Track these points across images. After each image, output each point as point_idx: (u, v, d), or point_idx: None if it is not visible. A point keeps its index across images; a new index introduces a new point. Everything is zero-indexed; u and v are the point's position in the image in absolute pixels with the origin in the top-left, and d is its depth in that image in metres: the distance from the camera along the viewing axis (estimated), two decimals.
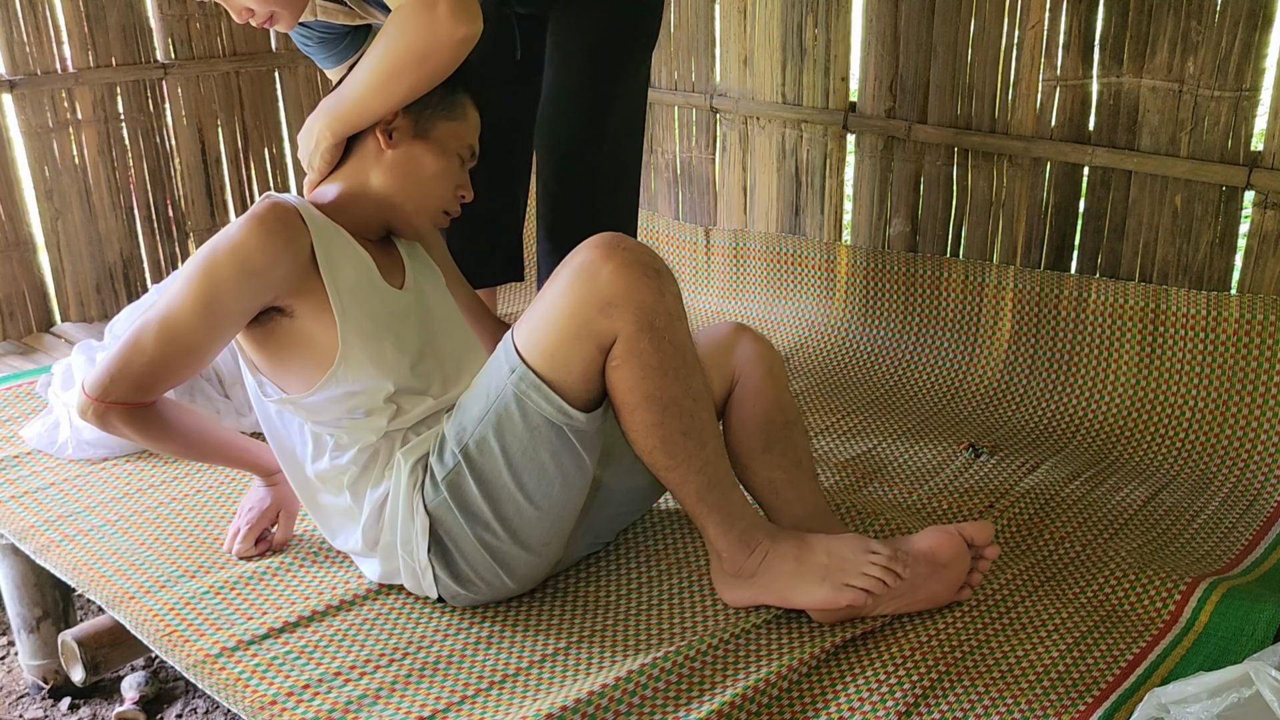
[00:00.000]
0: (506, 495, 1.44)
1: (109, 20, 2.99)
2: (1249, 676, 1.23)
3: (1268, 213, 2.06)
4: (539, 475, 1.42)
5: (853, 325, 2.59)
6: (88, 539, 1.77)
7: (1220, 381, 2.10)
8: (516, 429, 1.39)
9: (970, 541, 1.53)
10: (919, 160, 2.49)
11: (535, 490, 1.44)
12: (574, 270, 1.35)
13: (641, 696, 1.35)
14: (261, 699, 1.38)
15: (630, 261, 1.33)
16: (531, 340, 1.37)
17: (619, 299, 1.32)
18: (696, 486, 1.44)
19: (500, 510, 1.45)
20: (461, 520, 1.46)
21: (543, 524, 1.47)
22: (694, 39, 2.80)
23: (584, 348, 1.34)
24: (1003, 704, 1.35)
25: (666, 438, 1.39)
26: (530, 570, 1.54)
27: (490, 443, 1.41)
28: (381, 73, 1.55)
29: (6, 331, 2.95)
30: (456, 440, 1.45)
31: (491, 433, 1.41)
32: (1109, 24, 2.15)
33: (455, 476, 1.45)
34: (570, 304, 1.34)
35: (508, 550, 1.48)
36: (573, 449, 1.42)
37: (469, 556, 1.49)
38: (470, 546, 1.48)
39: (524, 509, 1.45)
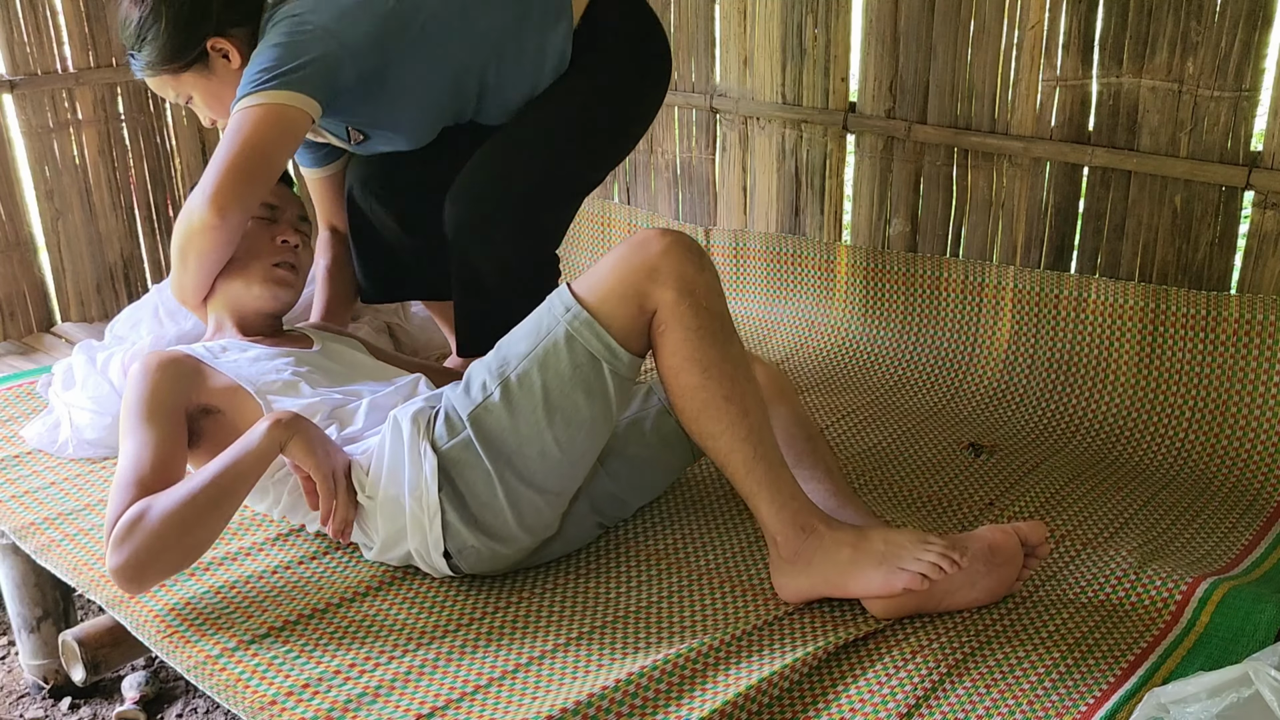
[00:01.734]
0: (536, 432, 1.50)
1: (109, 20, 3.00)
2: (1248, 676, 1.23)
3: (1267, 213, 2.06)
4: (570, 416, 1.50)
5: (852, 325, 2.59)
6: (88, 538, 1.77)
7: (1220, 381, 2.10)
8: (562, 364, 1.48)
9: (1024, 541, 1.55)
10: (919, 160, 2.49)
11: (563, 432, 1.51)
12: (630, 243, 1.50)
13: (644, 697, 1.35)
14: (261, 699, 1.38)
15: (678, 241, 1.49)
16: (584, 292, 1.50)
17: (664, 268, 1.46)
18: (743, 457, 1.50)
19: (525, 448, 1.51)
20: (483, 455, 1.51)
21: (561, 469, 1.54)
22: (694, 39, 2.80)
23: (628, 306, 1.48)
24: (1004, 705, 1.35)
25: (709, 401, 1.48)
26: (536, 519, 1.57)
27: (533, 376, 1.49)
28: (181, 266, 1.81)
29: (7, 331, 2.95)
30: (497, 374, 1.52)
31: (536, 367, 1.49)
32: (1109, 24, 2.15)
33: (483, 412, 1.51)
34: (622, 269, 1.48)
35: (523, 492, 1.53)
36: (606, 393, 1.51)
37: (481, 495, 1.53)
38: (484, 484, 1.52)
39: (549, 449, 1.51)
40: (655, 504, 1.87)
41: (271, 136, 1.75)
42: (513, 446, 1.51)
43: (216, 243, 1.76)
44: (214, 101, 1.93)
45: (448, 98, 1.99)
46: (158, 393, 1.60)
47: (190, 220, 1.74)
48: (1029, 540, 1.55)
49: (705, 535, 1.78)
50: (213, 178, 1.73)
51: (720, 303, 1.51)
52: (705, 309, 1.47)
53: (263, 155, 1.75)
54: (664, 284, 1.46)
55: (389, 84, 1.91)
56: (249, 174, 1.74)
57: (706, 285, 1.49)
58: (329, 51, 1.79)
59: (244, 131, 1.73)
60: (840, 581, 1.50)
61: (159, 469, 1.53)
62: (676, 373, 1.49)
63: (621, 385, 1.52)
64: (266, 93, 1.74)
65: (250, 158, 1.74)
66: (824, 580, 1.51)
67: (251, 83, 1.75)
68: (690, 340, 1.47)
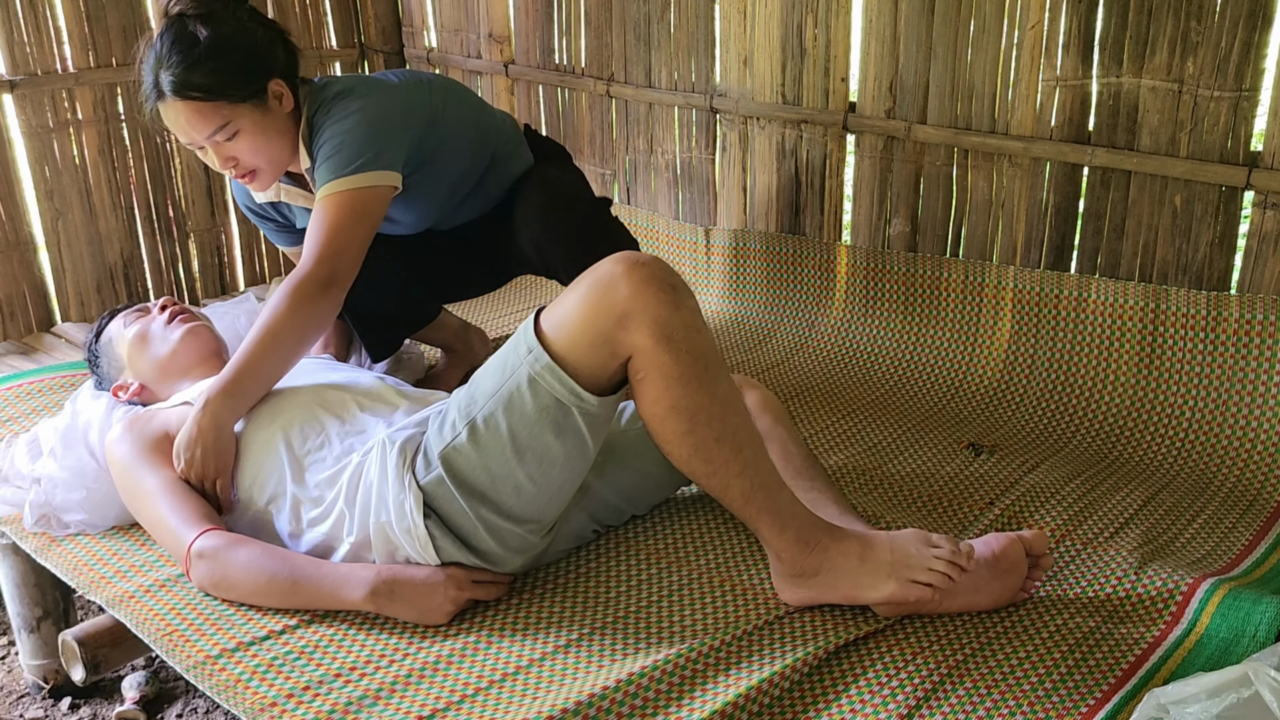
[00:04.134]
0: (507, 472, 1.47)
1: (109, 20, 3.00)
2: (1248, 677, 1.23)
3: (1267, 213, 2.06)
4: (541, 455, 1.46)
5: (852, 325, 2.59)
6: (89, 538, 1.77)
7: (1220, 381, 2.10)
8: (526, 407, 1.43)
9: (1029, 549, 1.55)
10: (919, 160, 2.49)
11: (536, 470, 1.47)
12: (593, 282, 1.39)
13: (644, 698, 1.35)
14: (261, 700, 1.38)
15: (647, 278, 1.37)
16: (551, 331, 1.42)
17: (635, 313, 1.36)
18: (740, 490, 1.46)
19: (498, 486, 1.49)
20: (456, 494, 1.50)
21: (539, 502, 1.52)
22: (694, 39, 2.80)
23: (598, 353, 1.39)
24: (1005, 705, 1.35)
25: (700, 445, 1.43)
26: (521, 543, 1.56)
27: (498, 418, 1.45)
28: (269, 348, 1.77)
29: (7, 331, 2.95)
30: (465, 414, 1.49)
31: (501, 409, 1.45)
32: (1109, 24, 2.15)
33: (454, 451, 1.49)
34: (588, 313, 1.38)
35: (501, 525, 1.52)
36: (578, 432, 1.46)
37: (463, 527, 1.52)
38: (463, 518, 1.51)
39: (523, 487, 1.48)
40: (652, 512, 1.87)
41: (378, 216, 1.92)
42: (485, 484, 1.49)
43: (329, 314, 1.85)
44: (259, 139, 1.91)
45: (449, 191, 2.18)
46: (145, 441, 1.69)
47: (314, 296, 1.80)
48: (1033, 549, 1.55)
49: (705, 535, 1.77)
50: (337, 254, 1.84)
51: (702, 341, 1.40)
52: (686, 353, 1.38)
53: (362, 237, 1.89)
54: (637, 331, 1.36)
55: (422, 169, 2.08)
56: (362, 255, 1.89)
57: (684, 325, 1.38)
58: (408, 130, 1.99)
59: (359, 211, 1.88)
60: (850, 592, 1.50)
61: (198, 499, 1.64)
62: (662, 420, 1.42)
63: (594, 422, 1.46)
64: (371, 174, 1.89)
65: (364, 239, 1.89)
66: (831, 590, 1.51)
67: (355, 164, 1.88)
68: (673, 389, 1.39)
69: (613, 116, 3.06)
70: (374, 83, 2.03)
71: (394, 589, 1.51)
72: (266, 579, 1.54)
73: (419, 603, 1.51)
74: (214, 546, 1.56)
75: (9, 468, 1.91)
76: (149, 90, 1.86)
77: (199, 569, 1.56)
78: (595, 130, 3.11)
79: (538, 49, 3.15)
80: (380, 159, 1.90)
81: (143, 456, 1.68)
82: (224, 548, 1.56)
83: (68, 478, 1.79)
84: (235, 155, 1.91)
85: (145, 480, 1.65)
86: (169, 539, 1.61)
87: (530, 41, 3.16)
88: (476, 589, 1.55)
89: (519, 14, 3.17)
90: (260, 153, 1.92)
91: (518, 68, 3.21)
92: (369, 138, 1.90)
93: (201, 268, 3.33)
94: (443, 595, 1.51)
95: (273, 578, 1.54)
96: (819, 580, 1.50)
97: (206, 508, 1.64)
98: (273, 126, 1.92)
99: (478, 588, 1.55)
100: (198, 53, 1.82)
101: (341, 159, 1.88)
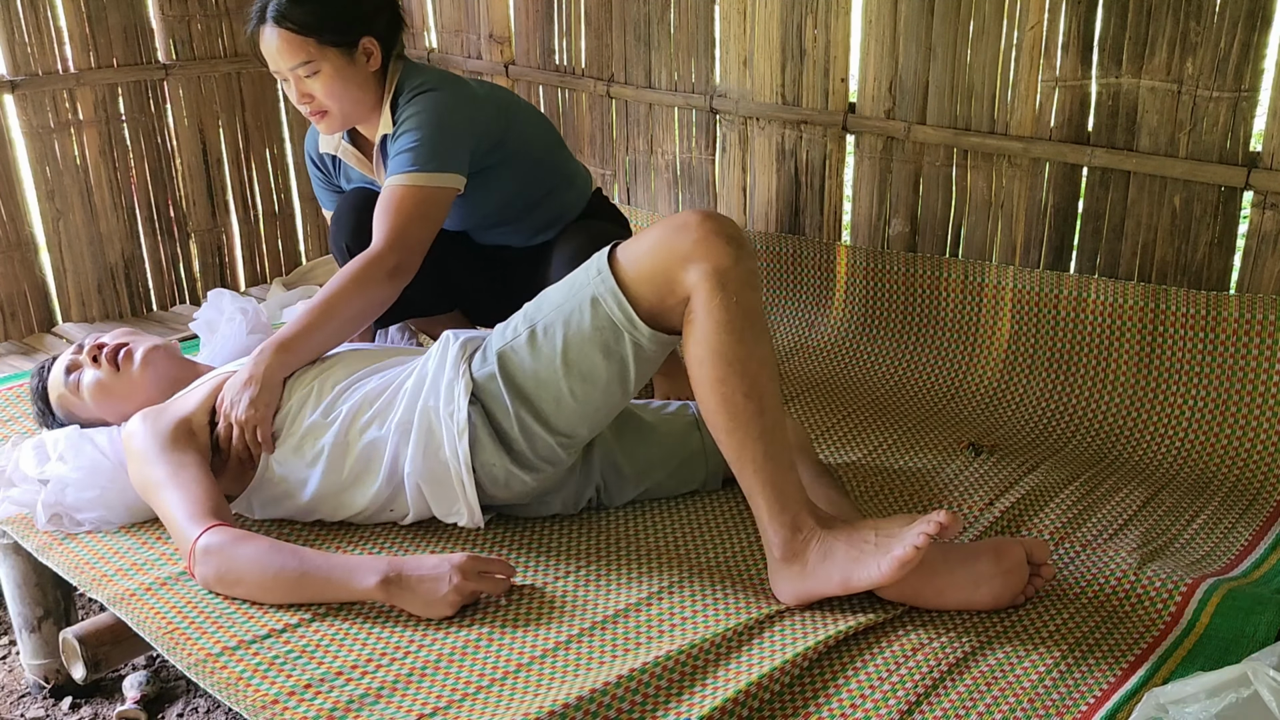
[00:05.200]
0: (553, 380, 1.61)
1: (110, 21, 3.00)
2: (1247, 676, 1.23)
3: (1266, 213, 2.06)
4: (586, 373, 1.59)
5: (852, 325, 2.59)
6: (90, 536, 1.77)
7: (1220, 381, 2.11)
8: (584, 324, 1.57)
9: (1030, 555, 1.56)
10: (918, 161, 2.49)
11: (578, 385, 1.60)
12: (666, 224, 1.54)
13: (644, 694, 1.36)
14: (263, 698, 1.38)
15: (716, 229, 1.50)
16: (623, 260, 1.56)
17: (698, 257, 1.48)
18: (753, 455, 1.52)
19: (542, 391, 1.62)
20: (504, 391, 1.64)
21: (574, 417, 1.64)
22: (694, 39, 2.80)
23: (658, 288, 1.52)
24: (1004, 703, 1.36)
25: (728, 396, 1.51)
26: (549, 453, 1.67)
27: (556, 330, 1.60)
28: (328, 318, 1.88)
29: (8, 331, 2.96)
30: (528, 321, 1.64)
31: (560, 321, 1.59)
32: (1108, 25, 2.16)
33: (510, 351, 1.64)
34: (656, 250, 1.52)
35: (536, 429, 1.64)
36: (624, 360, 1.58)
37: (501, 425, 1.65)
38: (504, 416, 1.65)
39: (564, 398, 1.61)
40: (652, 507, 1.88)
41: (433, 217, 2.01)
42: (531, 388, 1.62)
43: (386, 300, 1.95)
44: (336, 84, 2.02)
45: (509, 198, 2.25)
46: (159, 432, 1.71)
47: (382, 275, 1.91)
48: (1034, 556, 1.56)
49: (705, 534, 1.78)
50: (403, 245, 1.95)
51: (754, 296, 1.51)
52: (736, 303, 1.48)
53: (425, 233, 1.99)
54: (697, 273, 1.48)
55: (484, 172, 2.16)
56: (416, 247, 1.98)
57: (741, 277, 1.49)
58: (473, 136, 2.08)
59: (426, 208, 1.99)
60: (841, 579, 1.50)
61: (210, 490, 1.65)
62: (700, 363, 1.52)
63: (642, 355, 1.58)
64: (442, 174, 2.00)
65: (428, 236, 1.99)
66: (825, 579, 1.51)
67: (430, 162, 1.99)
68: (718, 334, 1.49)
69: (613, 117, 3.06)
70: (460, 86, 2.13)
71: (402, 578, 1.53)
72: (274, 572, 1.54)
73: (424, 593, 1.52)
74: (219, 543, 1.56)
75: (13, 470, 1.91)
76: (256, 11, 1.99)
77: (203, 566, 1.57)
78: (595, 130, 3.11)
79: (538, 49, 3.16)
80: (451, 162, 2.02)
81: (157, 447, 1.69)
82: (229, 543, 1.56)
83: (80, 477, 1.80)
84: (312, 93, 2.02)
85: (156, 471, 1.67)
86: (175, 532, 1.63)
87: (530, 42, 3.17)
88: (482, 581, 1.56)
89: (519, 14, 3.18)
90: (334, 98, 2.03)
91: (518, 68, 3.22)
92: (446, 139, 2.02)
93: (202, 268, 3.34)
94: (448, 585, 1.52)
95: (280, 570, 1.54)
96: (809, 570, 1.51)
97: (215, 501, 1.64)
98: (353, 79, 2.03)
99: (483, 580, 1.56)
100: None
101: (420, 154, 1.99)
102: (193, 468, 1.67)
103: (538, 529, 1.80)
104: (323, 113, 2.06)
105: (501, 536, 1.78)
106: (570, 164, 2.37)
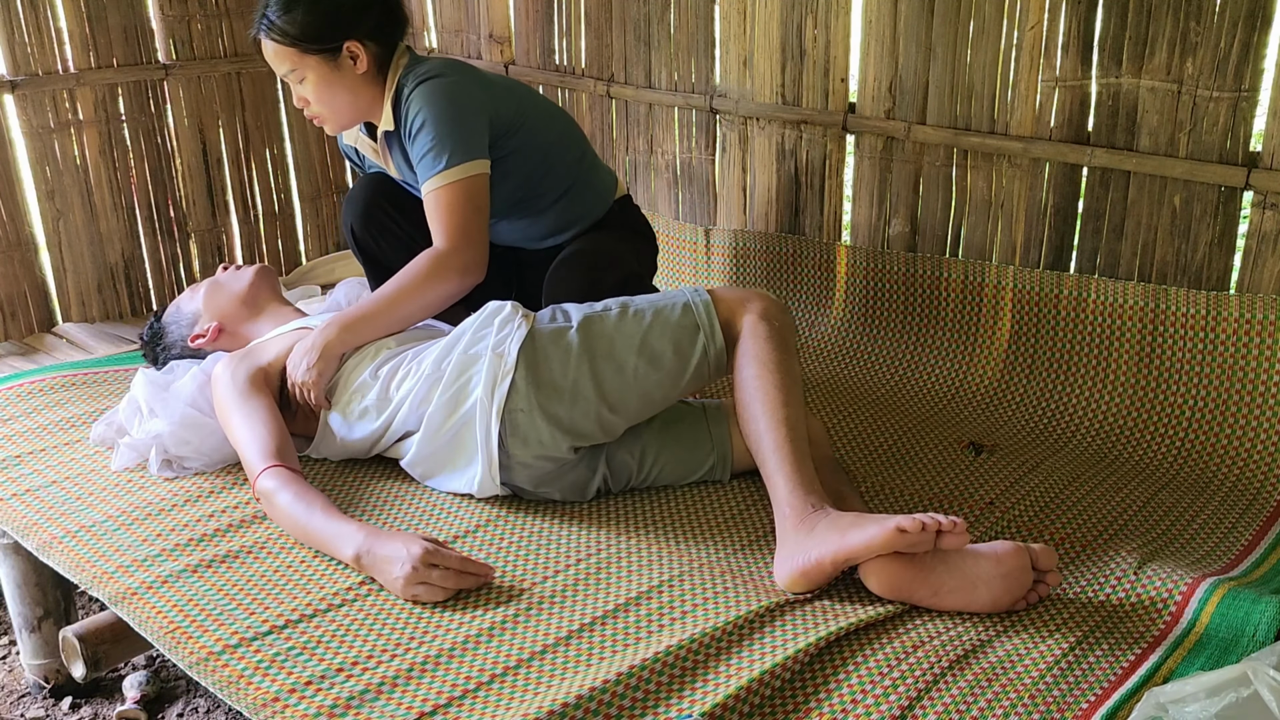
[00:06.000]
0: (626, 351, 1.80)
1: (110, 21, 3.00)
2: (1247, 676, 1.23)
3: (1266, 213, 2.06)
4: (654, 357, 1.80)
5: (852, 325, 2.59)
6: (90, 535, 1.77)
7: (1220, 381, 2.11)
8: (671, 318, 1.82)
9: (1035, 561, 1.57)
10: (918, 161, 2.49)
11: (644, 365, 1.80)
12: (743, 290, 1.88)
13: (645, 690, 1.36)
14: (264, 695, 1.38)
15: (775, 299, 1.86)
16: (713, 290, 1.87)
17: (755, 301, 1.83)
18: (775, 439, 1.69)
19: (612, 356, 1.80)
20: (576, 344, 1.80)
21: (625, 391, 1.80)
22: (694, 39, 2.80)
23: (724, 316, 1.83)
24: (1004, 702, 1.36)
25: (760, 388, 1.74)
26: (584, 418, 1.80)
27: (646, 314, 1.83)
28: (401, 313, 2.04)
29: (8, 331, 2.96)
30: (620, 303, 1.87)
31: (651, 310, 1.84)
32: (1108, 25, 2.16)
33: (599, 316, 1.84)
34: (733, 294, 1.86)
35: (586, 388, 1.79)
36: (689, 358, 1.81)
37: (555, 371, 1.79)
38: (561, 366, 1.79)
39: (626, 370, 1.80)
40: (657, 500, 1.88)
41: (480, 204, 2.07)
42: (603, 350, 1.80)
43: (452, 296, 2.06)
44: (323, 91, 2.10)
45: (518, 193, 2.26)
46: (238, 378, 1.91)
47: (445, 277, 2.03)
48: (1039, 563, 1.57)
49: (708, 526, 1.79)
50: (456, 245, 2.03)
51: (790, 335, 1.81)
52: (776, 330, 1.80)
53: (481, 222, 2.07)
54: (749, 310, 1.82)
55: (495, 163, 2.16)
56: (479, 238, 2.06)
57: (781, 321, 1.82)
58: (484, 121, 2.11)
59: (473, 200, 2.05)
60: (838, 539, 1.54)
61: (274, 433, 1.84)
62: (742, 367, 1.78)
63: (703, 362, 1.81)
64: (472, 163, 2.05)
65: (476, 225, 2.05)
66: (823, 541, 1.56)
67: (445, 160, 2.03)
68: (759, 345, 1.78)
69: (613, 117, 3.06)
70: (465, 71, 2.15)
71: (371, 555, 1.62)
72: (292, 524, 1.73)
73: (383, 573, 1.61)
74: (267, 489, 1.76)
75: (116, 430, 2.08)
76: (255, 21, 2.09)
77: (262, 504, 1.80)
78: (595, 130, 3.11)
79: (538, 49, 3.16)
80: (473, 147, 2.06)
81: (236, 392, 1.90)
82: (274, 491, 1.75)
83: (174, 430, 1.97)
84: (305, 97, 2.12)
85: (234, 414, 1.88)
86: (245, 466, 1.84)
87: (530, 42, 3.17)
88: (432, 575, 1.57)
89: (519, 14, 3.18)
90: (323, 103, 2.12)
91: (518, 68, 3.22)
92: (459, 126, 2.05)
93: (202, 268, 3.33)
94: (399, 573, 1.58)
95: (295, 524, 1.73)
96: (815, 535, 1.58)
97: (279, 442, 1.82)
98: (340, 83, 2.09)
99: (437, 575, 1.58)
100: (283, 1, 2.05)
101: (441, 150, 2.04)
102: (263, 410, 1.87)
103: (542, 521, 1.81)
104: (318, 117, 2.14)
105: (506, 527, 1.78)
106: (592, 167, 2.37)
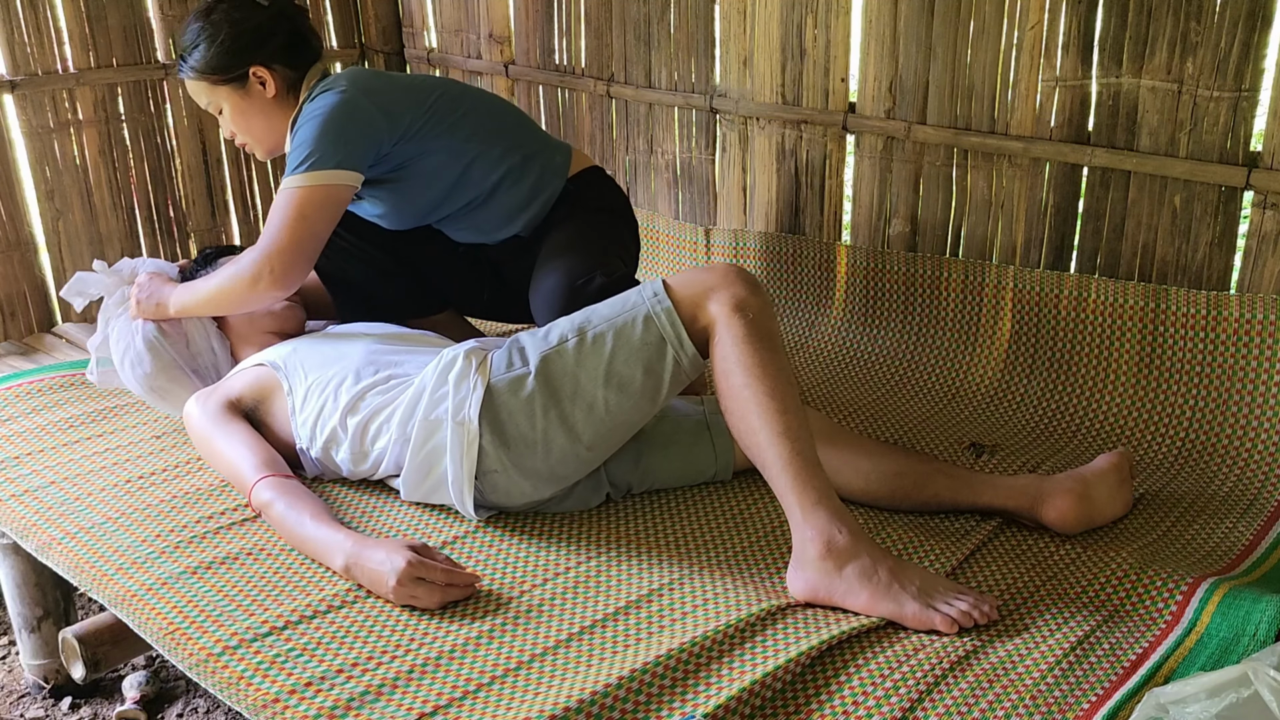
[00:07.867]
0: (592, 387, 1.68)
1: (110, 21, 3.00)
2: (1247, 676, 1.23)
3: (1267, 213, 2.06)
4: (625, 384, 1.68)
5: (852, 325, 2.59)
6: (89, 536, 1.77)
7: (1220, 381, 2.11)
8: (634, 338, 1.67)
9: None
10: (918, 160, 2.49)
11: (614, 396, 1.68)
12: (706, 268, 1.73)
13: (647, 693, 1.36)
14: (264, 696, 1.38)
15: (740, 272, 1.68)
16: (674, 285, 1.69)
17: (721, 288, 1.65)
18: (779, 453, 1.57)
19: (578, 397, 1.69)
20: (538, 393, 1.69)
21: (600, 427, 1.70)
22: (694, 39, 2.80)
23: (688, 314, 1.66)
24: (1004, 703, 1.36)
25: (751, 399, 1.60)
26: (562, 464, 1.73)
27: (607, 339, 1.68)
28: (208, 301, 2.03)
29: (7, 331, 2.96)
30: (577, 328, 1.71)
31: (612, 332, 1.68)
32: (1108, 25, 2.16)
33: (556, 354, 1.70)
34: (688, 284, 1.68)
35: (559, 436, 1.70)
36: (661, 376, 1.67)
37: (521, 427, 1.70)
38: (527, 419, 1.70)
39: (597, 406, 1.69)
40: (658, 500, 1.88)
41: (326, 215, 1.98)
42: (568, 392, 1.69)
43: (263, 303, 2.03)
44: (239, 119, 2.12)
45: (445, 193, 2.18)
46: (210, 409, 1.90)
47: (247, 282, 1.97)
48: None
49: (711, 528, 1.79)
50: (274, 251, 1.94)
51: (770, 323, 1.64)
52: (754, 323, 1.62)
53: (317, 234, 1.98)
54: (718, 301, 1.64)
55: (408, 165, 2.10)
56: (307, 251, 1.97)
57: (758, 305, 1.64)
58: (377, 131, 2.03)
59: (301, 210, 1.95)
60: (871, 604, 1.52)
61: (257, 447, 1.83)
62: (726, 375, 1.62)
63: (677, 374, 1.68)
64: (320, 173, 1.96)
65: (306, 236, 1.96)
66: (850, 594, 1.53)
67: (306, 163, 1.96)
68: (739, 346, 1.61)
69: (613, 117, 3.06)
70: (359, 79, 2.08)
71: (359, 566, 1.61)
72: (288, 534, 1.72)
73: (370, 584, 1.60)
74: (263, 502, 1.75)
75: None
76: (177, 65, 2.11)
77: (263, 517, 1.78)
78: (595, 130, 3.11)
79: (538, 49, 3.16)
80: (334, 158, 1.97)
81: (211, 420, 1.89)
82: (268, 503, 1.74)
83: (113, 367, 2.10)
84: (229, 128, 2.14)
85: (216, 440, 1.86)
86: (239, 486, 1.83)
87: (530, 42, 3.17)
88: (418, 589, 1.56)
89: (519, 14, 3.18)
90: (242, 130, 2.14)
91: (518, 68, 3.22)
92: (330, 135, 1.97)
93: None
94: (384, 588, 1.57)
95: (291, 534, 1.71)
96: (843, 580, 1.52)
97: (265, 454, 1.82)
98: (251, 109, 2.10)
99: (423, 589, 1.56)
100: (192, 35, 2.06)
101: (297, 155, 1.99)
102: (243, 431, 1.86)
103: (543, 522, 1.81)
104: (245, 143, 2.17)
105: (506, 529, 1.78)
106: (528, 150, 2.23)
